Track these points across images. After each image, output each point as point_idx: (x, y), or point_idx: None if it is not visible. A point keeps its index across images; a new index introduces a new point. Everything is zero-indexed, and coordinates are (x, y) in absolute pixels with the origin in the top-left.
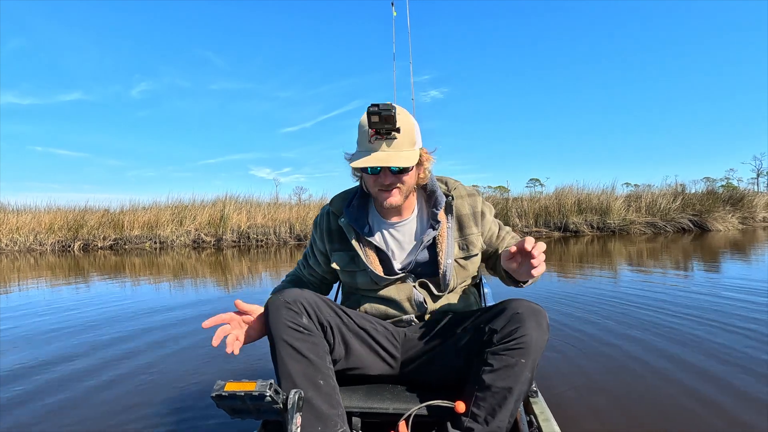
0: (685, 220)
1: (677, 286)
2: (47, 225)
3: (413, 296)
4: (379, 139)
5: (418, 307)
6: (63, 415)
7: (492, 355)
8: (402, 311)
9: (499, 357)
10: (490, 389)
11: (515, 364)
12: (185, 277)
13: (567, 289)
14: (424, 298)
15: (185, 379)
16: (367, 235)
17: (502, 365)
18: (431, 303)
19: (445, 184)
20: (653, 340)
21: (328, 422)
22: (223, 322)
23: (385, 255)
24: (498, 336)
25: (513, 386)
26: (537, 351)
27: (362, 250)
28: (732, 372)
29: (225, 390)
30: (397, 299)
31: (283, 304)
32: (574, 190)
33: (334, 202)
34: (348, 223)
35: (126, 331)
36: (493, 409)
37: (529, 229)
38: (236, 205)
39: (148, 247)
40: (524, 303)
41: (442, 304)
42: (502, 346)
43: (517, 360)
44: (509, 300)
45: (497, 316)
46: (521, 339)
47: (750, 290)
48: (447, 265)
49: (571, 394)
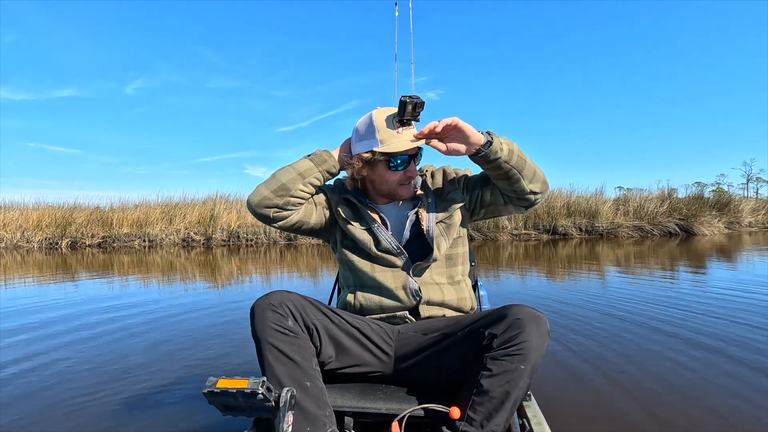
0: (672, 224)
1: (667, 288)
2: (35, 222)
3: (408, 284)
4: (407, 129)
5: (413, 294)
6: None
7: (491, 360)
8: (397, 300)
9: (499, 362)
10: (487, 394)
11: (514, 370)
12: (174, 276)
13: (558, 292)
14: (419, 286)
15: (177, 376)
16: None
17: (501, 370)
18: (426, 291)
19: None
20: (646, 343)
21: (316, 423)
22: None
23: (385, 222)
24: (498, 341)
25: (511, 391)
26: (536, 357)
27: (365, 211)
28: (731, 373)
29: (217, 387)
30: (392, 287)
31: (268, 307)
32: (563, 192)
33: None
34: (354, 196)
35: (114, 330)
36: (489, 413)
37: (519, 231)
38: (227, 204)
39: (137, 245)
40: (525, 309)
41: (436, 296)
42: (502, 352)
43: (517, 366)
44: (510, 305)
45: (497, 321)
46: (521, 345)
47: (737, 292)
48: (429, 226)
49: (564, 397)
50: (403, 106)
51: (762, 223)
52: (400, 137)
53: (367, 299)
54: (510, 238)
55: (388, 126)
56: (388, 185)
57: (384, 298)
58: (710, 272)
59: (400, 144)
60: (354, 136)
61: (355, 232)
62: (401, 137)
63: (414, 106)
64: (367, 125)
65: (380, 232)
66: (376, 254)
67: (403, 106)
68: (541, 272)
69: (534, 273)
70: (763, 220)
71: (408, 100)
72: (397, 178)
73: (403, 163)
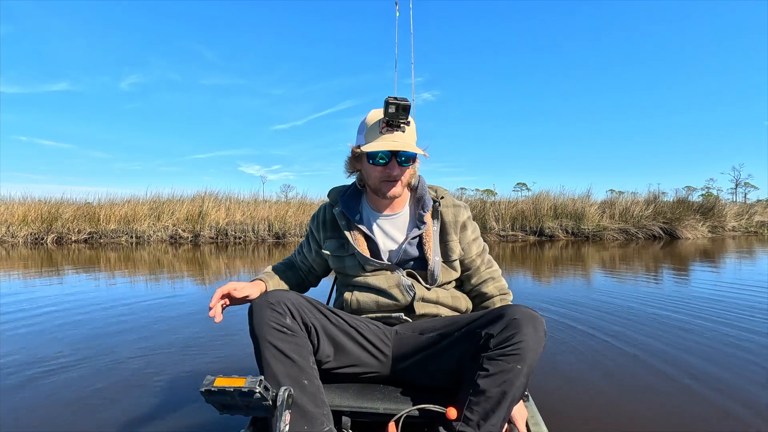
0: (656, 228)
1: (667, 287)
2: (20, 217)
3: (401, 281)
4: (390, 131)
5: (407, 290)
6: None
7: (488, 360)
8: (392, 299)
9: (495, 362)
10: (484, 394)
11: (511, 370)
12: (165, 273)
13: (550, 292)
14: (412, 283)
15: (174, 374)
16: (358, 223)
17: (497, 370)
18: (419, 289)
19: (435, 191)
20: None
21: (314, 421)
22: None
23: (373, 242)
24: (495, 341)
25: (507, 391)
26: (533, 357)
27: (351, 234)
28: (729, 375)
29: (214, 385)
30: (385, 287)
31: (267, 305)
32: (551, 195)
33: (331, 193)
34: (340, 211)
35: (106, 327)
36: (486, 413)
37: (506, 232)
38: (215, 201)
39: (124, 241)
40: (522, 309)
41: (430, 294)
42: (499, 351)
43: (513, 366)
44: (507, 306)
45: (494, 321)
46: (518, 345)
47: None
48: (435, 262)
49: (563, 398)
50: (386, 106)
51: (745, 227)
52: (382, 137)
53: (363, 297)
54: (497, 239)
55: (373, 125)
56: (371, 180)
57: (380, 296)
58: (693, 274)
59: (377, 144)
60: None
61: (339, 262)
62: (383, 137)
63: (397, 107)
64: (361, 122)
65: (363, 257)
66: (365, 274)
67: (386, 107)
68: (531, 273)
69: (523, 273)
70: (746, 225)
71: (392, 101)
72: (377, 174)
73: (382, 158)
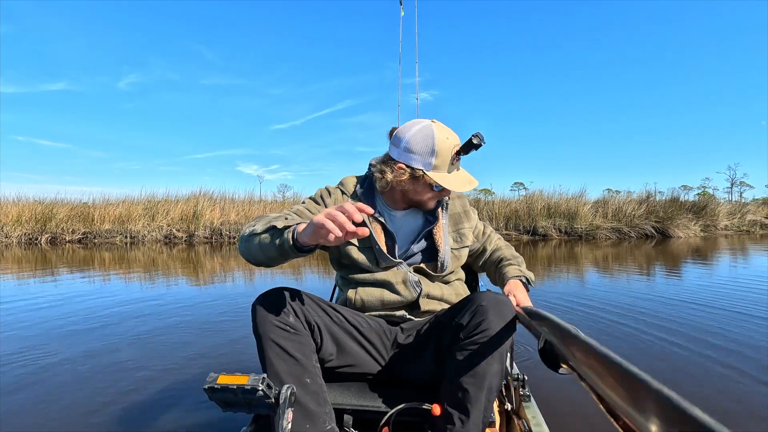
0: (649, 227)
1: (666, 286)
2: (14, 217)
3: (408, 277)
4: (457, 160)
5: (414, 286)
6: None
7: (459, 350)
8: (398, 294)
9: (465, 352)
10: (460, 386)
11: (481, 358)
12: (162, 272)
13: (549, 292)
14: (419, 278)
15: (176, 373)
16: (378, 217)
17: (469, 360)
18: (426, 284)
19: None
20: (644, 341)
21: (316, 420)
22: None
23: (392, 238)
24: (464, 331)
25: (482, 382)
26: (501, 342)
27: (371, 226)
28: (729, 375)
29: (218, 383)
30: (392, 281)
31: (270, 303)
32: (544, 194)
33: (346, 183)
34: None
35: (107, 326)
36: (465, 407)
37: (499, 231)
38: (210, 201)
39: (118, 241)
40: (488, 295)
41: (435, 290)
42: (468, 341)
43: (483, 353)
44: (475, 294)
45: (462, 311)
46: (485, 332)
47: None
48: (445, 251)
49: (564, 398)
50: (469, 145)
51: (737, 226)
52: (458, 174)
53: (367, 295)
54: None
55: (446, 154)
56: (420, 197)
57: (385, 291)
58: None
59: (458, 184)
60: (403, 141)
61: (353, 253)
62: (458, 174)
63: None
64: (426, 142)
65: (381, 254)
66: (375, 270)
67: (470, 146)
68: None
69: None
70: (738, 224)
71: (476, 141)
72: (432, 196)
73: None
